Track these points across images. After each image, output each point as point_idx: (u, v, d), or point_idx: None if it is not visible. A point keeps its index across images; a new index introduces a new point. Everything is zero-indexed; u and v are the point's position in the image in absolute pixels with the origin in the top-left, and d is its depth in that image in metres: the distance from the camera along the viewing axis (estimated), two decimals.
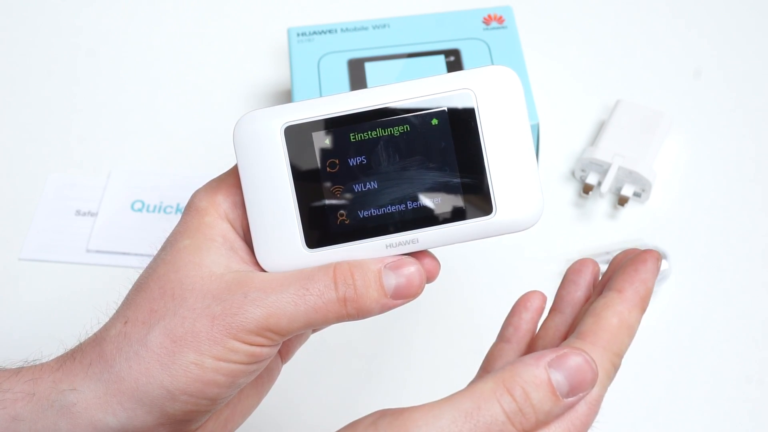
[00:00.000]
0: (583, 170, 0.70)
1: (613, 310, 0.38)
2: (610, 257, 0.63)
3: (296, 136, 0.40)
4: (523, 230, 0.41)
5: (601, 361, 0.37)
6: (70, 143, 0.76)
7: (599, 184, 0.69)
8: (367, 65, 0.69)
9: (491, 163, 0.40)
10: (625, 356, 0.62)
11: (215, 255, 0.40)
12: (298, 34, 0.71)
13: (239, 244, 0.41)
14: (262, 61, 0.80)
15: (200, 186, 0.42)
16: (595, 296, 0.41)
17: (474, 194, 0.40)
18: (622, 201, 0.68)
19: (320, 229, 0.40)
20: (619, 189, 0.68)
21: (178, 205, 0.72)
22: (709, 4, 0.81)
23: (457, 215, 0.40)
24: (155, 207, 0.72)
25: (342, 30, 0.71)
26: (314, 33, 0.71)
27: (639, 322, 0.38)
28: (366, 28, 0.71)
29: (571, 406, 0.36)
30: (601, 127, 0.72)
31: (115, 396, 0.38)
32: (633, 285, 0.38)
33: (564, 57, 0.79)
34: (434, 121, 0.40)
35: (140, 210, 0.72)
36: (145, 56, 0.82)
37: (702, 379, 0.61)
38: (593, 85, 0.77)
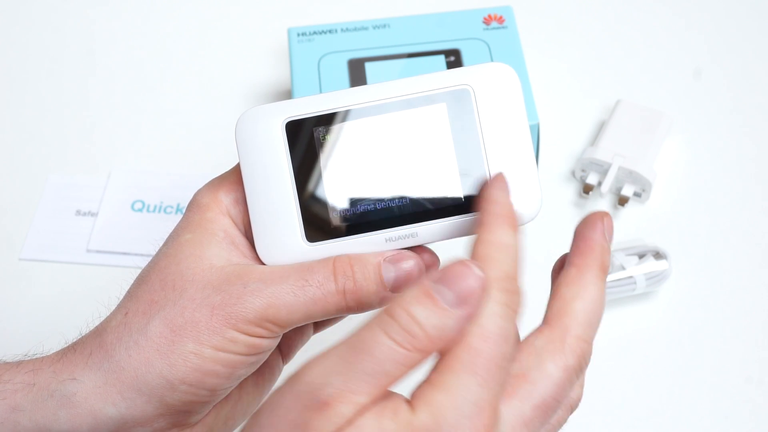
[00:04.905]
0: (583, 170, 0.70)
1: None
2: (610, 257, 0.64)
3: (296, 131, 0.41)
4: (522, 224, 0.41)
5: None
6: (70, 143, 0.76)
7: (599, 184, 0.69)
8: (367, 65, 0.69)
9: (490, 158, 0.40)
10: (625, 356, 0.62)
11: (216, 248, 0.40)
12: (298, 34, 0.71)
13: (240, 239, 0.41)
14: (262, 61, 0.80)
15: (202, 185, 0.43)
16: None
17: (473, 188, 0.40)
18: (622, 201, 0.68)
19: (320, 223, 0.41)
20: (619, 189, 0.68)
21: (178, 205, 0.72)
22: (709, 4, 0.81)
23: (456, 209, 0.40)
24: (155, 207, 0.72)
25: (342, 30, 0.71)
26: (314, 33, 0.71)
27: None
28: (366, 28, 0.71)
29: (467, 317, 0.33)
30: (601, 127, 0.72)
31: (114, 385, 0.39)
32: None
33: (564, 57, 0.79)
34: (433, 117, 0.40)
35: (140, 210, 0.72)
36: (146, 56, 0.82)
37: (702, 379, 0.61)
38: (593, 85, 0.77)
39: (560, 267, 0.40)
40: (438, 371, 0.33)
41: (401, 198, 0.40)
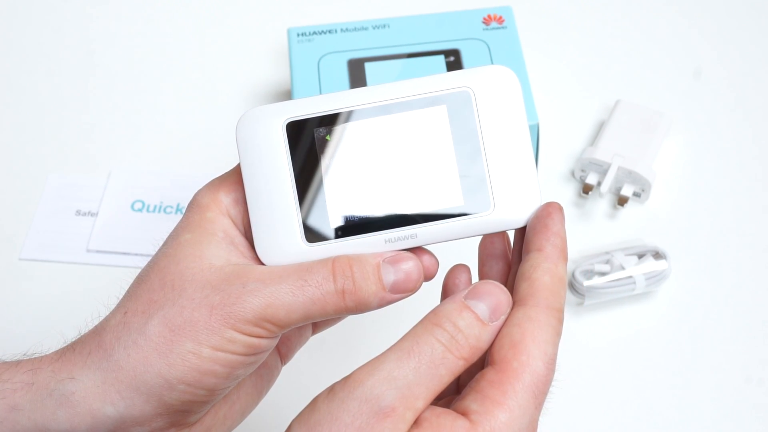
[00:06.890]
0: (583, 170, 0.70)
1: (542, 269, 0.39)
2: (610, 257, 0.64)
3: (297, 131, 0.41)
4: (521, 227, 0.41)
5: (548, 319, 0.38)
6: (70, 143, 0.76)
7: (599, 184, 0.69)
8: (367, 65, 0.69)
9: (489, 160, 0.40)
10: (625, 356, 0.62)
11: (216, 248, 0.40)
12: (298, 34, 0.71)
13: (240, 239, 0.41)
14: (262, 61, 0.80)
15: (201, 185, 0.43)
16: (516, 263, 0.41)
17: (472, 190, 0.40)
18: (622, 201, 0.68)
19: (319, 224, 0.41)
20: (619, 189, 0.69)
21: (178, 205, 0.72)
22: (709, 4, 0.81)
23: (456, 211, 0.40)
24: (155, 207, 0.72)
25: (342, 30, 0.71)
26: (314, 33, 0.71)
27: (566, 271, 0.40)
28: (366, 28, 0.71)
29: (497, 330, 0.37)
30: (601, 127, 0.72)
31: (113, 385, 0.39)
32: (549, 240, 0.39)
33: (564, 57, 0.79)
34: (434, 119, 0.41)
35: (140, 210, 0.72)
36: (146, 56, 0.82)
37: (702, 379, 0.61)
38: (593, 85, 0.77)
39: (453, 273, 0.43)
40: (499, 388, 0.36)
41: (401, 199, 0.41)
